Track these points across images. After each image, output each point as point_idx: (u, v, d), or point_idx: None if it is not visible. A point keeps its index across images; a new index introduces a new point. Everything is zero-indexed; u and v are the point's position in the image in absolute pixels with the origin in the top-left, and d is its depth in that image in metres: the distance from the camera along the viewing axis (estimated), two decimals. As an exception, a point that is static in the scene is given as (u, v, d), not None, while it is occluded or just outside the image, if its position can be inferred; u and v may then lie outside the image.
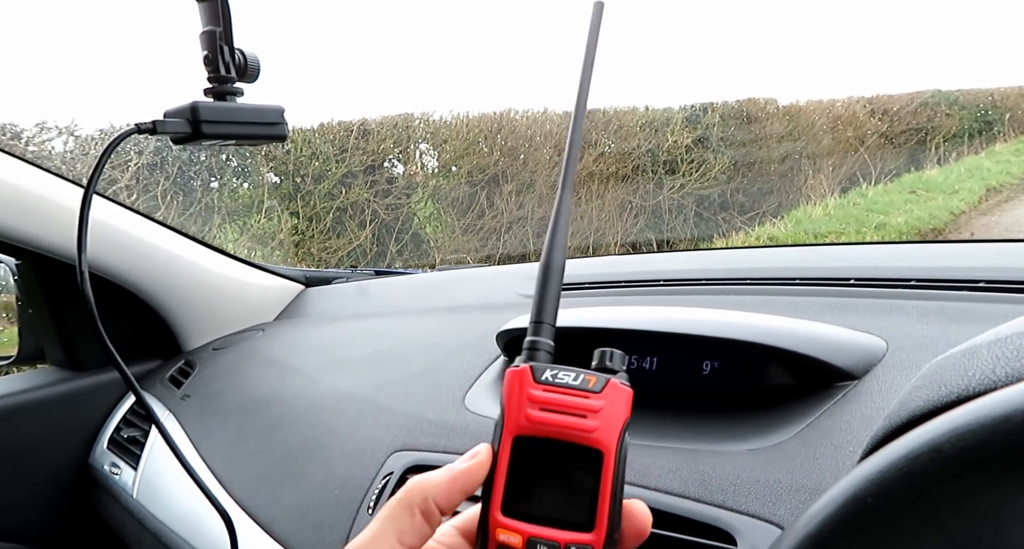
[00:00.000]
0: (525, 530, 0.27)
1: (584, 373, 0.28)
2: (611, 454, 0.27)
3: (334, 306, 1.19)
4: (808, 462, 0.49)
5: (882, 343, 0.58)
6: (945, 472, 0.23)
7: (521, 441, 0.28)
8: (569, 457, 0.27)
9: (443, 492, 0.28)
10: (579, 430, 0.27)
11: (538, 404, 0.28)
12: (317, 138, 5.14)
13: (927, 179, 6.01)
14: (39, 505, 0.97)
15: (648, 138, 6.20)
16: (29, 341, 1.05)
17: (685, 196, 6.24)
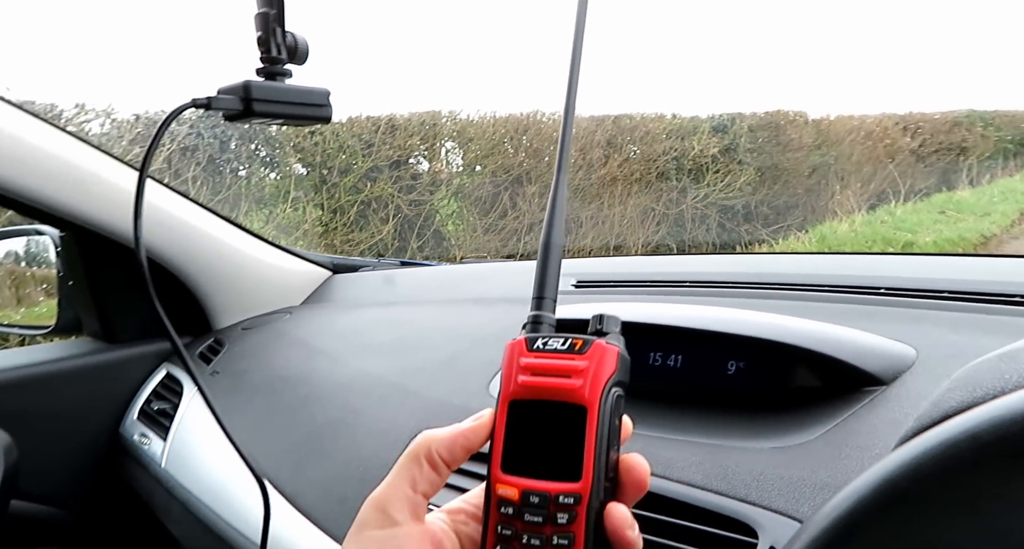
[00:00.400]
0: (520, 483, 0.29)
1: (573, 337, 0.30)
2: (594, 408, 0.29)
3: (360, 293, 1.21)
4: (833, 462, 0.49)
5: (912, 351, 0.58)
6: (982, 459, 0.24)
7: (515, 405, 0.30)
8: (556, 415, 0.29)
9: (446, 445, 0.30)
10: (563, 389, 0.29)
11: (529, 370, 0.30)
12: (345, 131, 5.19)
13: (958, 200, 5.91)
14: (71, 471, 0.99)
15: (674, 145, 6.18)
16: (67, 312, 1.08)
17: (709, 206, 6.20)
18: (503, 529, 0.29)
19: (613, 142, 6.04)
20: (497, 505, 0.29)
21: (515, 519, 0.29)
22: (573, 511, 0.28)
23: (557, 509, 0.28)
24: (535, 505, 0.29)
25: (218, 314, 1.14)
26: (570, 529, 0.28)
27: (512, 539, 0.29)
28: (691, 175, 6.18)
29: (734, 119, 6.36)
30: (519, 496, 0.29)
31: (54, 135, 0.87)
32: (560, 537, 0.28)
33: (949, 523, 0.24)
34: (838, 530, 0.27)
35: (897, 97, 9.09)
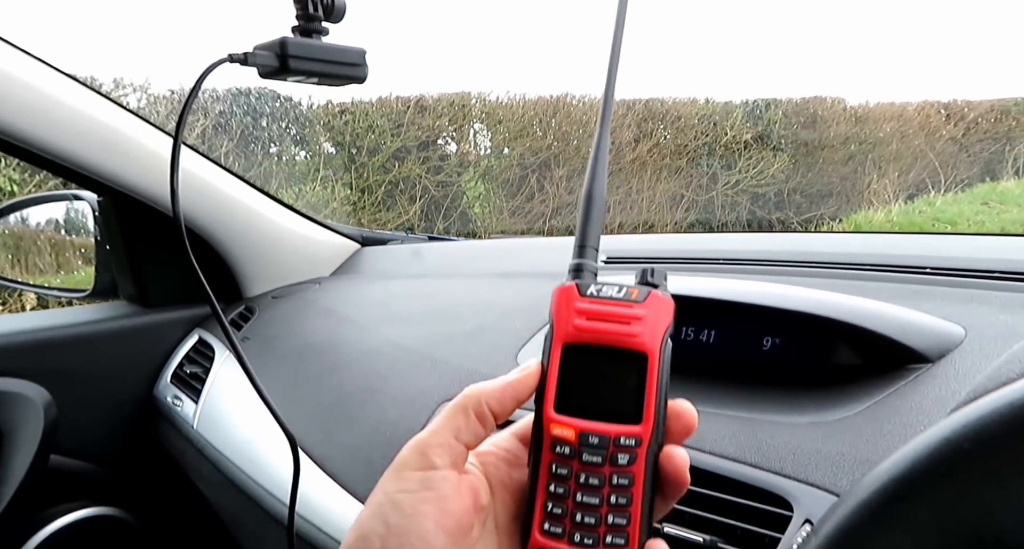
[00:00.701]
0: (578, 424, 0.30)
1: (627, 286, 0.31)
2: (655, 355, 0.30)
3: (389, 265, 1.21)
4: (875, 438, 0.48)
5: (960, 330, 0.56)
6: (1056, 418, 0.23)
7: (570, 348, 0.30)
8: (616, 360, 0.30)
9: (496, 398, 0.30)
10: (624, 336, 0.30)
11: (584, 315, 0.30)
12: (374, 111, 5.20)
13: (1002, 191, 5.72)
14: (107, 429, 1.02)
15: (706, 130, 6.07)
16: (104, 276, 1.10)
17: (740, 193, 6.09)
18: (558, 468, 0.30)
19: (643, 126, 5.95)
20: (551, 445, 0.30)
21: (571, 459, 0.29)
22: (634, 453, 0.29)
23: (618, 450, 0.29)
24: (594, 446, 0.29)
25: (249, 282, 1.16)
26: (630, 469, 0.29)
27: (566, 478, 0.29)
28: (722, 161, 6.07)
29: (769, 104, 6.21)
30: (576, 437, 0.29)
31: (93, 99, 0.88)
32: (620, 477, 0.29)
33: (1020, 487, 0.23)
34: (891, 493, 0.25)
35: (942, 84, 8.77)
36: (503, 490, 0.32)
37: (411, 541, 0.28)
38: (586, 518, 0.29)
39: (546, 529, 0.29)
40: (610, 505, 0.29)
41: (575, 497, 0.29)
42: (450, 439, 0.30)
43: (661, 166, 5.97)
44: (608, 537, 0.29)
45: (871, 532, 0.25)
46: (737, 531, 0.47)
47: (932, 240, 0.81)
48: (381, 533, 0.28)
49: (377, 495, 0.30)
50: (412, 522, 0.28)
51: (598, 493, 0.29)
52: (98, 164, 0.87)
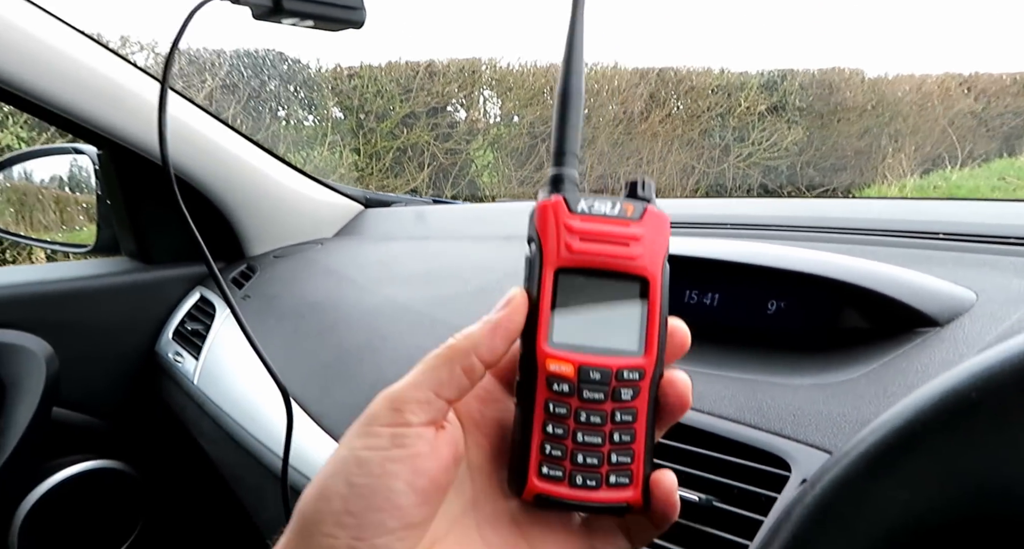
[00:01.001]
0: (576, 359, 0.27)
1: (620, 201, 0.28)
2: (657, 280, 0.27)
3: (392, 227, 1.20)
4: (877, 399, 0.47)
5: (971, 294, 0.54)
6: (1070, 366, 0.21)
7: (564, 273, 0.27)
8: (615, 285, 0.27)
9: (486, 344, 0.27)
10: (624, 259, 0.27)
11: (578, 235, 0.27)
12: (383, 76, 5.14)
13: (1020, 166, 5.61)
14: (110, 384, 1.03)
15: (720, 102, 5.96)
16: (106, 232, 1.09)
17: (752, 166, 6.01)
18: (555, 408, 0.27)
19: (656, 96, 5.85)
20: (547, 383, 0.27)
21: (569, 397, 0.27)
22: (637, 387, 0.27)
23: (620, 384, 0.27)
24: (596, 381, 0.27)
25: (251, 241, 1.15)
26: (633, 404, 0.27)
27: (565, 417, 0.27)
28: (735, 133, 5.98)
29: (785, 75, 6.08)
30: (576, 372, 0.27)
31: (91, 49, 0.86)
32: (624, 413, 0.27)
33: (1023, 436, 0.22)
34: (892, 444, 0.24)
35: (963, 56, 8.56)
36: (476, 430, 0.29)
37: (377, 503, 0.25)
38: (588, 459, 0.27)
39: (544, 473, 0.27)
40: (613, 443, 0.27)
41: (575, 437, 0.27)
42: (429, 395, 0.27)
43: (673, 137, 5.88)
44: (612, 477, 0.27)
45: (868, 484, 0.24)
46: (733, 491, 0.46)
47: (945, 206, 0.79)
48: (343, 493, 0.25)
49: (342, 451, 0.26)
50: (379, 482, 0.25)
51: (600, 431, 0.27)
52: (96, 115, 0.86)
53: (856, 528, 0.24)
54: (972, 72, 6.35)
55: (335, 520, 0.25)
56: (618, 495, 0.28)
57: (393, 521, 0.25)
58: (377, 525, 0.25)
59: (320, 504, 0.25)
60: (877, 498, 0.24)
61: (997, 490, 0.22)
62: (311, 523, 0.25)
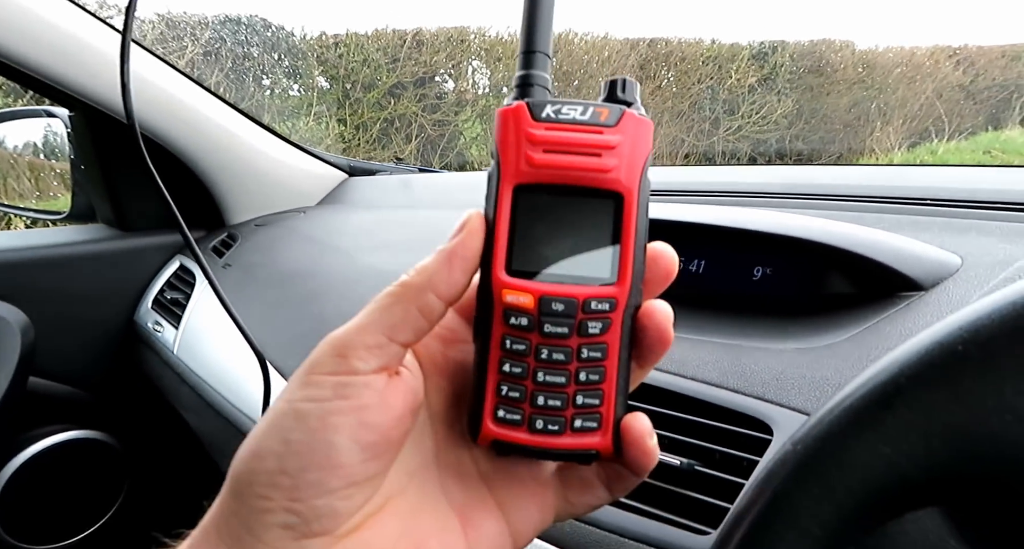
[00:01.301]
0: (537, 288, 0.24)
1: (593, 105, 0.24)
2: (633, 195, 0.24)
3: (377, 196, 1.18)
4: (860, 363, 0.46)
5: (957, 259, 0.54)
6: (1060, 316, 0.21)
7: (524, 190, 0.24)
8: (584, 203, 0.24)
9: (443, 278, 0.24)
10: (595, 170, 0.23)
11: (541, 145, 0.23)
12: (370, 44, 5.03)
13: (1005, 139, 5.63)
14: (88, 353, 1.01)
15: (710, 73, 5.90)
16: (81, 199, 1.07)
17: (741, 139, 5.99)
18: (513, 344, 0.24)
19: (646, 67, 5.79)
20: (504, 316, 0.24)
21: (529, 332, 0.24)
22: (607, 319, 0.24)
23: (588, 317, 0.23)
24: (559, 314, 0.23)
25: (232, 209, 1.13)
26: (603, 339, 0.24)
27: (524, 355, 0.24)
28: (725, 106, 5.94)
29: (776, 47, 6.03)
30: (536, 304, 0.23)
31: (56, 3, 0.83)
32: (591, 349, 0.24)
33: (1014, 388, 0.21)
34: (876, 400, 0.24)
35: (953, 28, 8.51)
36: (437, 374, 0.26)
37: (316, 460, 0.22)
38: (550, 400, 0.24)
39: (500, 417, 0.24)
40: (579, 383, 0.24)
41: (535, 377, 0.24)
42: (380, 338, 0.23)
43: (663, 109, 5.84)
44: (577, 421, 0.24)
45: (851, 440, 0.24)
46: (716, 455, 0.46)
47: (932, 172, 0.78)
48: (279, 451, 0.22)
49: (279, 404, 0.23)
50: (318, 437, 0.22)
51: (564, 370, 0.24)
52: (62, 74, 0.83)
53: (838, 485, 0.24)
54: (962, 44, 6.33)
55: (268, 481, 0.22)
56: (584, 441, 0.25)
57: (335, 480, 0.22)
58: (316, 485, 0.22)
59: (253, 464, 0.23)
60: (860, 454, 0.24)
61: (980, 444, 0.21)
62: (243, 484, 0.23)
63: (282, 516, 0.22)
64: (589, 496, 0.27)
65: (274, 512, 0.22)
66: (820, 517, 0.24)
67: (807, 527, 0.24)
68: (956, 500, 0.23)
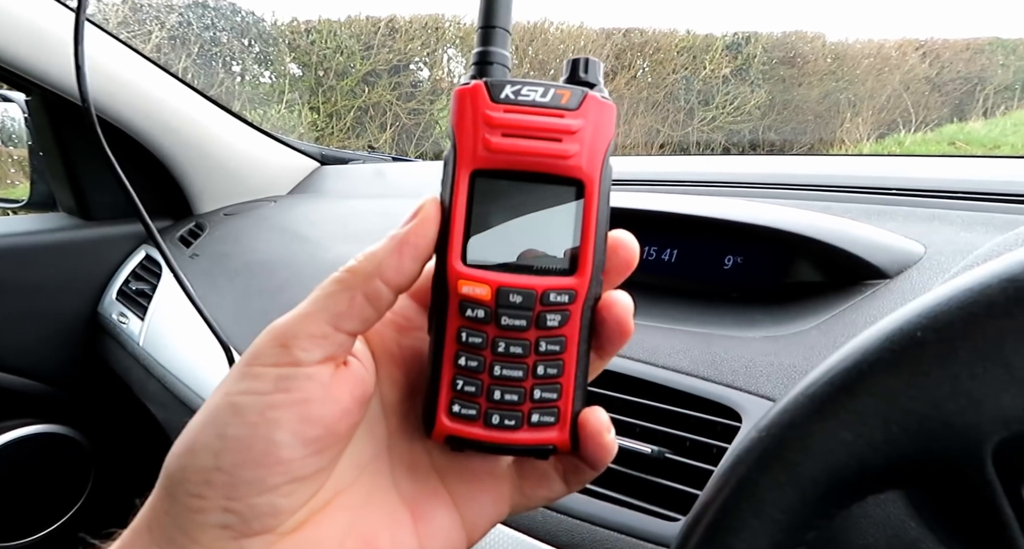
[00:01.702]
0: (494, 279, 0.23)
1: (554, 87, 0.23)
2: (594, 183, 0.23)
3: (349, 185, 1.17)
4: (827, 350, 0.47)
5: (920, 247, 0.55)
6: (1016, 303, 0.21)
7: (481, 176, 0.23)
8: (544, 190, 0.23)
9: (392, 265, 0.22)
10: (555, 156, 0.22)
11: (499, 128, 0.22)
12: (343, 31, 4.95)
13: (969, 131, 5.76)
14: (49, 347, 0.99)
15: (685, 64, 5.93)
16: (40, 186, 1.03)
17: (716, 129, 6.04)
18: (469, 337, 0.23)
19: (622, 57, 5.80)
20: (460, 308, 0.23)
21: (486, 324, 0.23)
22: (566, 311, 0.23)
23: (546, 309, 0.23)
24: (517, 306, 0.23)
25: (200, 198, 1.10)
26: (561, 332, 0.23)
27: (480, 348, 0.23)
28: (700, 96, 5.98)
29: (749, 38, 6.08)
30: (493, 295, 0.23)
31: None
32: (550, 342, 0.23)
33: (970, 373, 0.21)
34: (837, 385, 0.24)
35: (921, 20, 8.66)
36: (391, 363, 0.25)
37: (254, 457, 0.21)
38: (507, 395, 0.23)
39: (455, 412, 0.24)
40: (536, 377, 0.23)
41: (492, 371, 0.23)
42: (325, 328, 0.22)
43: (639, 99, 5.86)
44: (534, 415, 0.24)
45: (814, 426, 0.24)
46: (686, 443, 0.47)
47: (898, 162, 0.79)
48: (215, 447, 0.21)
49: (216, 398, 0.22)
50: (257, 432, 0.21)
51: (521, 364, 0.23)
52: (15, 56, 0.80)
53: (801, 471, 0.24)
54: (928, 37, 6.45)
55: (203, 478, 0.21)
56: (541, 436, 0.24)
57: (275, 476, 0.21)
58: (254, 482, 0.21)
59: (186, 460, 0.21)
60: (822, 440, 0.24)
61: (937, 428, 0.22)
62: (175, 482, 0.21)
63: (218, 515, 0.21)
64: (546, 489, 0.27)
65: (209, 511, 0.21)
66: (784, 502, 0.25)
67: (771, 513, 0.25)
68: (915, 483, 0.24)
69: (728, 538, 0.25)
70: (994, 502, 0.22)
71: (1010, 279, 0.21)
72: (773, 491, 0.25)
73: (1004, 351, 0.21)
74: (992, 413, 0.21)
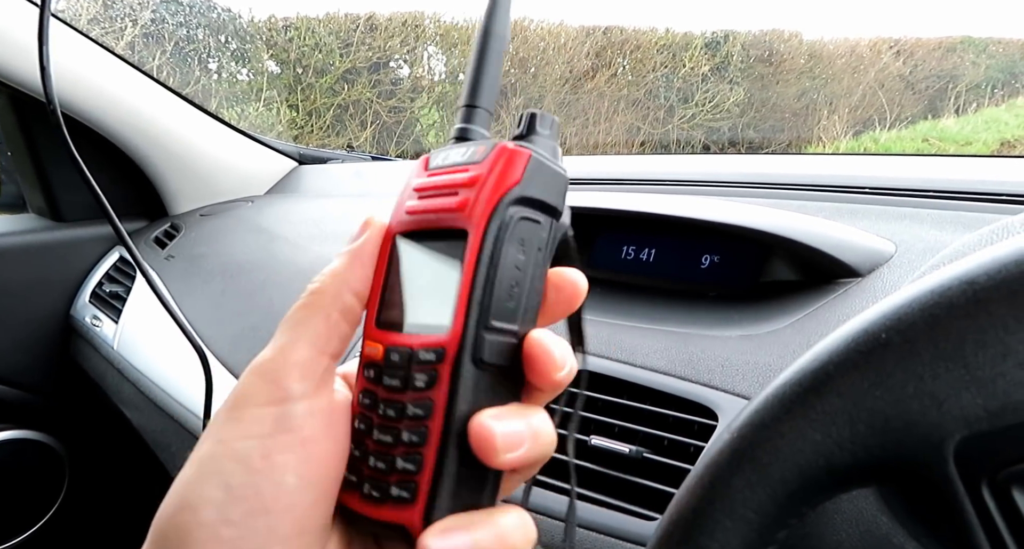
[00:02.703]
0: (385, 338, 0.22)
1: (481, 145, 0.22)
2: (477, 231, 0.21)
3: (327, 184, 1.16)
4: (801, 348, 0.48)
5: (891, 246, 0.56)
6: (976, 305, 0.22)
7: (400, 239, 0.23)
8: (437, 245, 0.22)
9: (356, 275, 0.22)
10: (446, 210, 0.22)
11: (417, 192, 0.23)
12: (321, 28, 4.91)
13: (942, 128, 5.86)
14: (20, 350, 0.97)
15: (664, 62, 5.97)
16: (9, 187, 1.01)
17: (695, 127, 6.08)
18: (363, 397, 0.22)
19: (602, 54, 5.82)
20: (363, 369, 0.22)
21: (376, 384, 0.22)
22: (433, 371, 0.21)
23: (416, 368, 0.21)
24: (395, 365, 0.21)
25: (175, 199, 1.09)
26: (427, 395, 0.21)
27: (371, 409, 0.22)
28: (679, 94, 6.02)
29: (728, 36, 6.13)
30: (382, 354, 0.22)
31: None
32: (415, 406, 0.21)
33: (932, 373, 0.22)
34: (806, 386, 0.24)
35: (895, 19, 8.80)
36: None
37: (264, 504, 0.19)
38: (379, 463, 0.21)
39: (347, 478, 0.22)
40: (402, 444, 0.21)
41: (373, 435, 0.22)
42: (309, 352, 0.21)
43: (619, 97, 5.88)
44: (394, 489, 0.21)
45: (783, 426, 0.24)
46: (664, 442, 0.47)
47: (871, 161, 0.81)
48: (218, 499, 0.19)
49: (207, 446, 0.20)
50: (265, 479, 0.20)
51: (393, 428, 0.21)
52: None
53: (770, 470, 0.25)
54: (902, 36, 6.56)
55: (209, 534, 0.19)
56: (396, 513, 0.21)
57: (285, 525, 0.20)
58: (267, 532, 0.19)
59: (185, 517, 0.19)
60: (792, 441, 0.24)
61: (901, 427, 0.22)
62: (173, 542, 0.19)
63: None
64: None
65: None
66: (755, 502, 0.25)
67: (743, 513, 0.25)
68: (882, 481, 0.24)
69: (701, 538, 0.26)
70: (956, 499, 0.22)
71: (970, 281, 0.22)
72: (745, 491, 0.25)
73: (964, 352, 0.22)
74: (954, 412, 0.22)
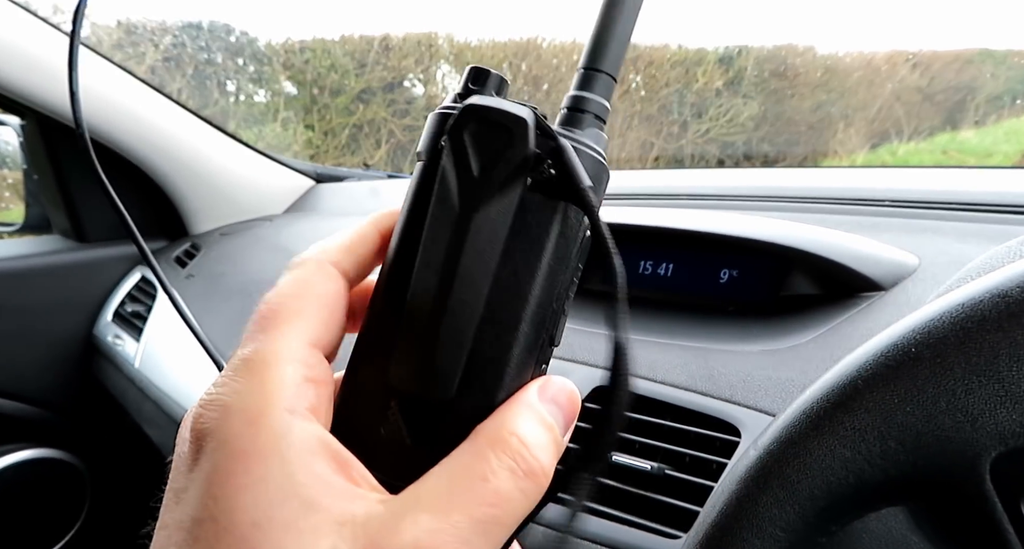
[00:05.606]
0: None
1: None
2: None
3: (344, 203, 1.17)
4: (825, 363, 0.47)
5: (915, 259, 0.55)
6: (1009, 318, 0.21)
7: None
8: None
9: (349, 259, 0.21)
10: None
11: None
12: (337, 49, 4.99)
13: (961, 140, 5.80)
14: (43, 369, 0.98)
15: (678, 77, 5.98)
16: (35, 209, 1.03)
17: (709, 141, 6.06)
18: None
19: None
20: None
21: None
22: None
23: None
24: None
25: (195, 218, 1.10)
26: None
27: None
28: (693, 109, 6.02)
29: (740, 51, 6.14)
30: None
31: (7, 9, 0.80)
32: None
33: (965, 388, 0.21)
34: (834, 402, 0.24)
35: (910, 34, 8.79)
36: None
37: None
38: None
39: None
40: None
41: None
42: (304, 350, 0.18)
43: (632, 113, 5.89)
44: None
45: (811, 443, 0.24)
46: (685, 458, 0.47)
47: (892, 174, 0.80)
48: None
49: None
50: None
51: None
52: (10, 81, 0.80)
53: (799, 487, 0.24)
54: (917, 49, 6.52)
55: None
56: None
57: None
58: None
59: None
60: (820, 457, 0.24)
61: (933, 443, 0.22)
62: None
63: None
64: None
65: None
66: (784, 520, 0.24)
67: (771, 531, 0.24)
68: (914, 499, 0.24)
69: (729, 557, 0.25)
70: (993, 517, 0.21)
71: (1002, 294, 0.21)
72: (772, 509, 0.24)
73: (998, 366, 0.21)
74: (989, 428, 0.21)
